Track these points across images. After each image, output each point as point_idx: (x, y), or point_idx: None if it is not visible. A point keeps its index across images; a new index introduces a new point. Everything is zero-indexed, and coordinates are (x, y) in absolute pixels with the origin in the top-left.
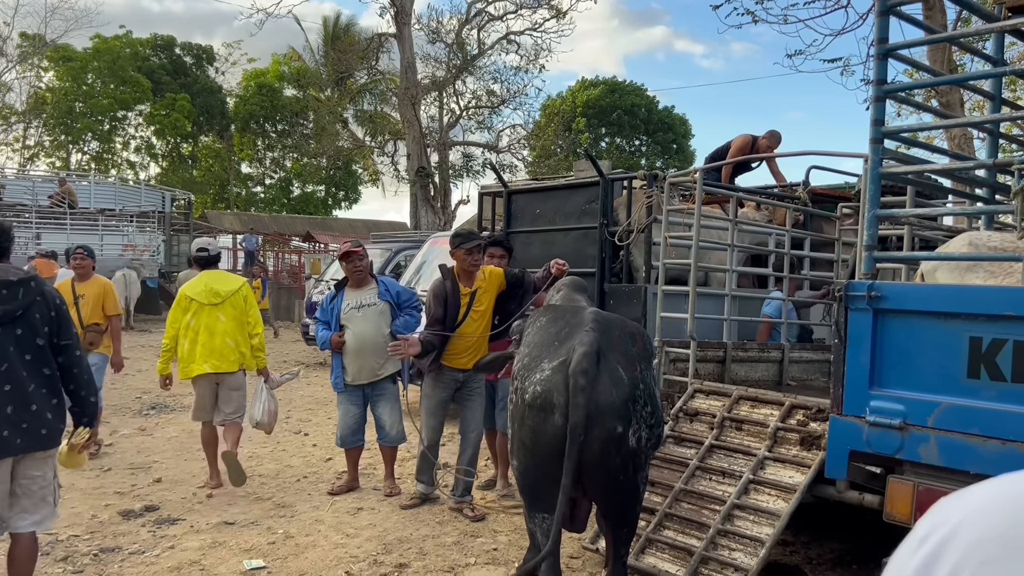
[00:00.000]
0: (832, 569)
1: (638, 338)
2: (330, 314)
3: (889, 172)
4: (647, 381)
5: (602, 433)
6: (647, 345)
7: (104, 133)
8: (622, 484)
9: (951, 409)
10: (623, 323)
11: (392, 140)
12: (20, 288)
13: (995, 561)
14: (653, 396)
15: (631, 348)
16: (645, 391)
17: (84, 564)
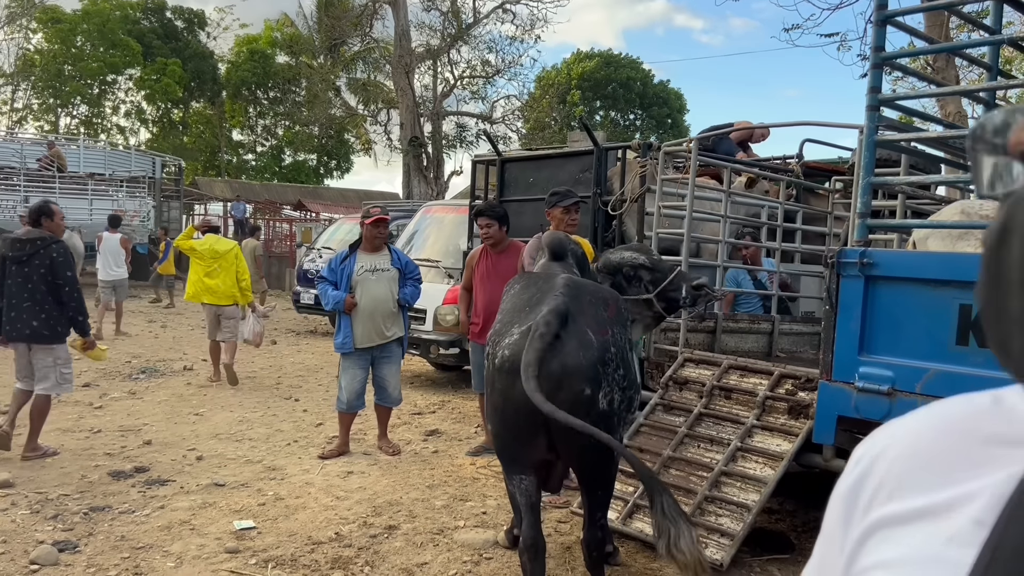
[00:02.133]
0: (817, 536)
1: (611, 303)
2: (340, 274)
3: (885, 140)
4: (619, 345)
5: (570, 395)
6: (620, 310)
7: (93, 97)
8: (594, 446)
9: (939, 375)
10: (595, 288)
11: (385, 109)
12: (28, 244)
13: (912, 472)
14: (626, 360)
15: (602, 312)
16: (617, 355)
17: (74, 523)
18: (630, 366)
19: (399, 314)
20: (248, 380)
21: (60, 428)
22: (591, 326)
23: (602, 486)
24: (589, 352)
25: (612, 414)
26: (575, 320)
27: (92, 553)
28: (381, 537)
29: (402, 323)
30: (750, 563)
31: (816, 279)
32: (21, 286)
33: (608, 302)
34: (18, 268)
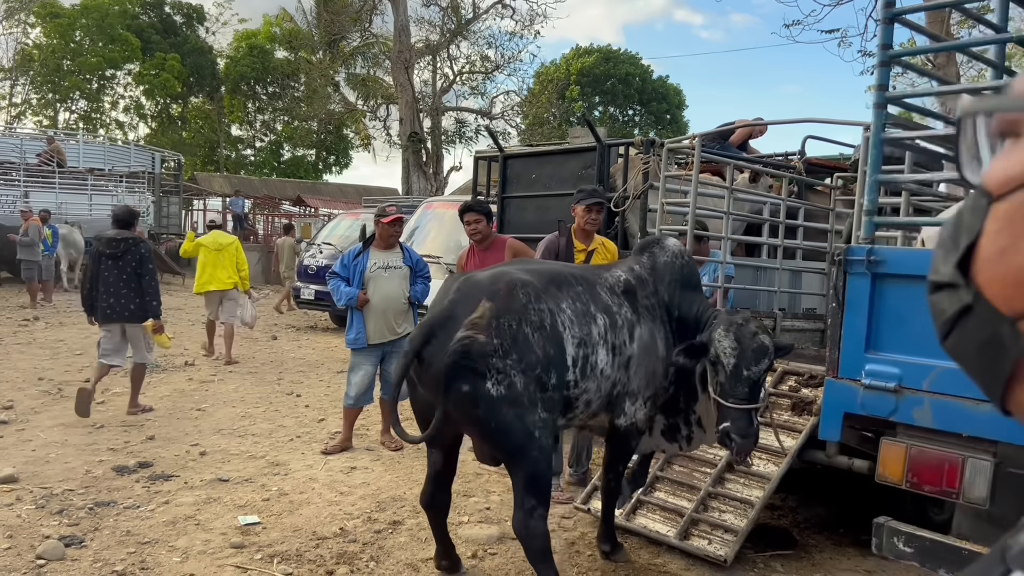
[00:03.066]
0: (819, 532)
1: (503, 293)
2: (352, 270)
3: (892, 138)
4: (512, 334)
5: (455, 395)
6: (517, 297)
7: (92, 92)
8: (494, 432)
9: (946, 372)
10: (492, 283)
11: (384, 104)
12: (120, 243)
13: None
14: (522, 344)
15: (505, 308)
16: (503, 344)
17: (79, 517)
18: (532, 348)
19: (410, 311)
20: (250, 376)
21: (63, 423)
22: (477, 330)
23: (519, 468)
24: (460, 354)
25: (507, 399)
26: (450, 325)
27: (98, 548)
28: (386, 532)
29: (412, 319)
30: (753, 559)
31: (818, 276)
32: (117, 277)
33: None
34: (113, 263)
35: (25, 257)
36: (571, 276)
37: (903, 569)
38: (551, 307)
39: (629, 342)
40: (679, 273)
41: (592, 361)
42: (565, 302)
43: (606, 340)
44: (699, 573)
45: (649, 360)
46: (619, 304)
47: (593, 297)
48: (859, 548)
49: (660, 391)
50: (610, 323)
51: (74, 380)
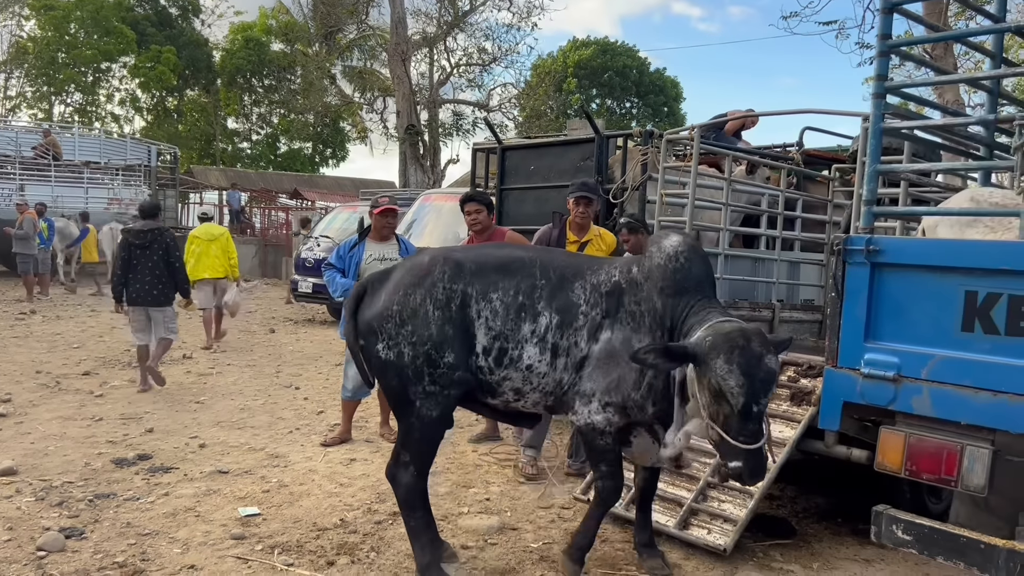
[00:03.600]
0: (818, 522)
1: (423, 268)
2: (348, 262)
3: (890, 127)
4: (413, 306)
5: (362, 348)
6: (432, 274)
7: (87, 85)
8: (386, 388)
9: (945, 361)
10: (424, 257)
11: (381, 97)
12: (148, 234)
13: None
14: (420, 318)
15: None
16: (402, 312)
17: (79, 509)
18: (428, 325)
19: None
20: (248, 369)
21: (61, 416)
22: (388, 290)
23: (399, 420)
24: (372, 311)
25: (395, 366)
26: (377, 286)
27: (98, 539)
28: (386, 523)
29: None
30: (752, 548)
31: (816, 267)
32: (144, 265)
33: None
34: (141, 252)
35: (21, 251)
36: (539, 267)
37: (901, 557)
38: (470, 291)
39: (586, 343)
40: (671, 277)
41: (513, 356)
42: (498, 292)
43: (543, 339)
44: (698, 563)
45: (612, 366)
46: (592, 304)
47: (552, 292)
48: (857, 537)
49: (635, 402)
50: (560, 322)
51: (72, 373)
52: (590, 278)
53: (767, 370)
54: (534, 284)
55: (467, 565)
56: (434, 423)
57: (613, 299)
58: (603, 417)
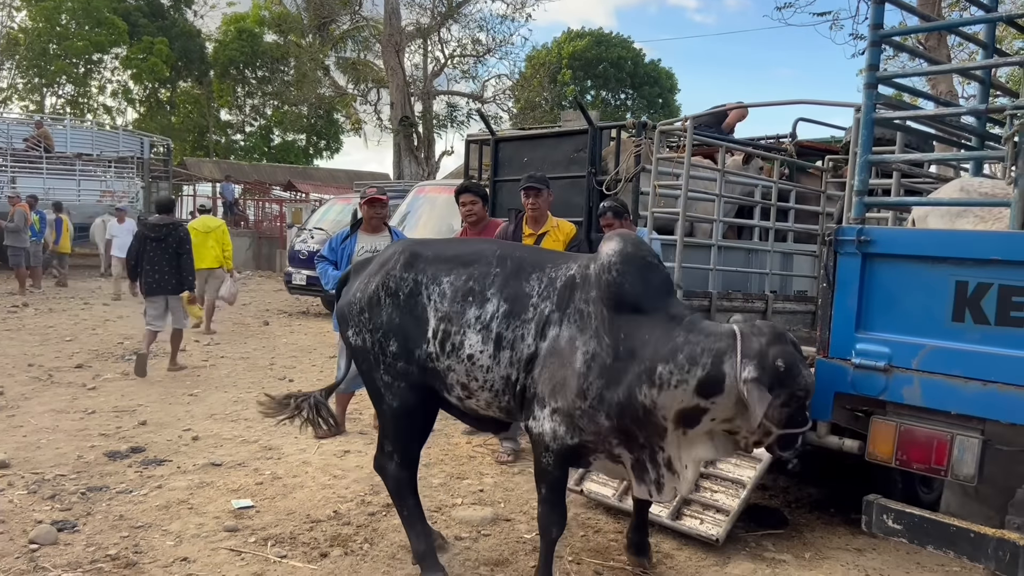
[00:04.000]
0: (810, 512)
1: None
2: (340, 254)
3: (882, 117)
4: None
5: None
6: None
7: (79, 76)
8: (361, 375)
9: (935, 351)
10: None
11: (375, 88)
12: (162, 227)
13: None
14: (375, 306)
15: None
16: (362, 300)
17: (72, 502)
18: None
19: None
20: (242, 361)
21: (54, 409)
22: (359, 279)
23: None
24: (345, 299)
25: (363, 352)
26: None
27: (91, 532)
28: (379, 515)
29: None
30: (745, 538)
31: (809, 258)
32: (160, 256)
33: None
34: (156, 244)
35: (12, 243)
36: (498, 257)
37: (893, 547)
38: (421, 278)
39: (534, 338)
40: (607, 290)
41: (455, 341)
42: (450, 277)
43: (487, 326)
44: (691, 553)
45: (557, 367)
46: (544, 296)
47: (506, 281)
48: (849, 527)
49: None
50: (508, 311)
51: (64, 366)
52: (549, 271)
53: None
54: (488, 272)
55: (460, 556)
56: (399, 413)
57: (565, 294)
58: (550, 427)
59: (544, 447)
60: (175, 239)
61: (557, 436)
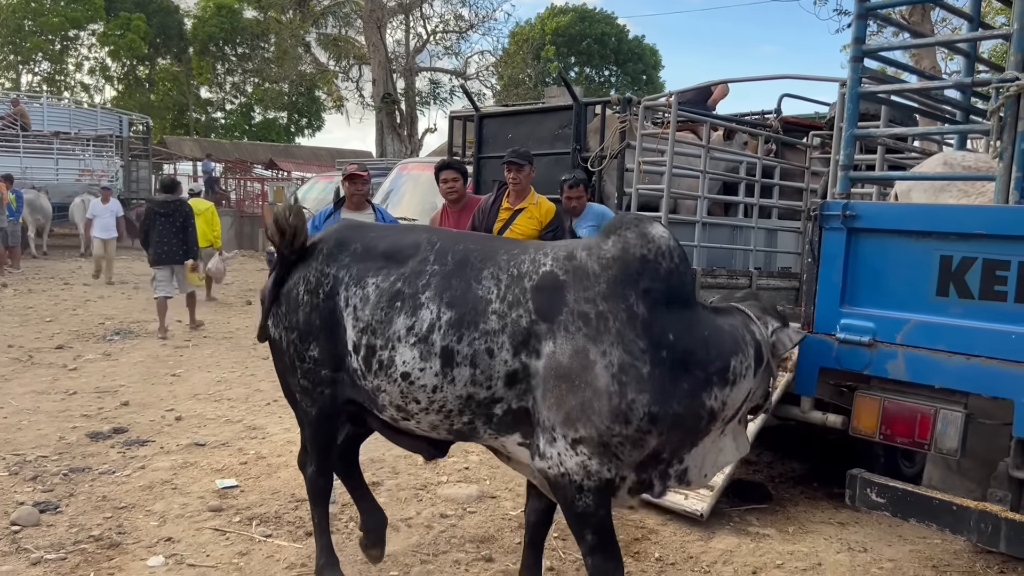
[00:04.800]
0: (794, 487)
1: (312, 246)
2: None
3: (867, 91)
4: (291, 286)
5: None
6: (311, 254)
7: (55, 53)
8: (275, 367)
9: (919, 326)
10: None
11: (357, 65)
12: (168, 204)
13: None
14: (292, 302)
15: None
16: (290, 294)
17: (54, 483)
18: (295, 309)
19: None
20: (225, 341)
21: (35, 390)
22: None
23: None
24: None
25: (278, 348)
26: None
27: (74, 513)
28: None
29: None
30: (729, 513)
31: (793, 234)
32: (167, 229)
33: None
34: (164, 219)
35: None
36: (436, 251)
37: (875, 520)
38: (343, 276)
39: (512, 354)
40: (665, 280)
41: (383, 358)
42: (376, 278)
43: (424, 339)
44: (676, 528)
45: (567, 391)
46: (512, 302)
47: (445, 280)
48: (832, 501)
49: (624, 439)
50: (454, 319)
51: (45, 347)
52: (508, 266)
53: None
54: (421, 270)
55: (446, 533)
56: (316, 421)
57: (547, 297)
58: (576, 463)
59: (576, 488)
60: (181, 214)
61: (591, 472)
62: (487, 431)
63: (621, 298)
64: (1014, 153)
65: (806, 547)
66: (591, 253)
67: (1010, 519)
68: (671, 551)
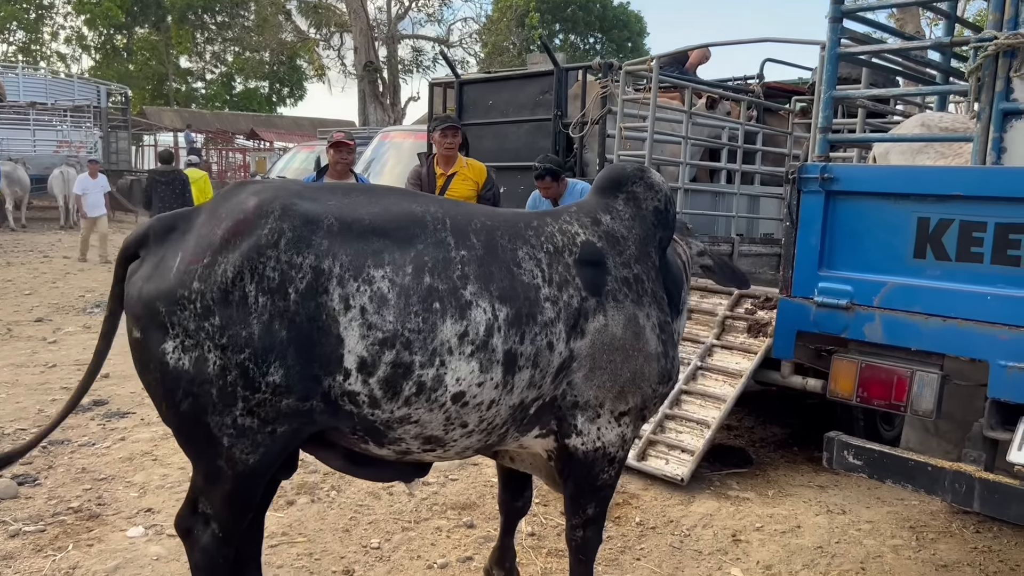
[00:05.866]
0: (775, 451)
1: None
2: None
3: (846, 53)
4: (225, 284)
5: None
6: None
7: (30, 22)
8: (172, 413)
9: (896, 289)
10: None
11: (338, 33)
12: (167, 174)
13: None
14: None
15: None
16: (205, 293)
17: (33, 456)
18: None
19: None
20: None
21: (13, 363)
22: (185, 247)
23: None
24: (150, 282)
25: (191, 379)
26: (167, 240)
27: (53, 485)
28: None
29: None
30: (710, 478)
31: (776, 201)
32: (168, 195)
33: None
34: (164, 186)
35: None
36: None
37: (854, 483)
38: (325, 266)
39: (566, 342)
40: (671, 227)
41: (426, 379)
42: (383, 269)
43: (484, 345)
44: (657, 492)
45: (621, 362)
46: (561, 282)
47: (483, 266)
48: (812, 464)
49: (656, 399)
50: (512, 315)
51: (24, 320)
52: (538, 241)
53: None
54: (447, 256)
55: (428, 500)
56: (250, 473)
57: (591, 269)
58: (616, 434)
59: (608, 460)
60: (179, 182)
61: (626, 441)
62: (513, 436)
63: (647, 256)
64: (992, 114)
65: (785, 510)
66: (613, 215)
67: (983, 479)
68: (652, 516)
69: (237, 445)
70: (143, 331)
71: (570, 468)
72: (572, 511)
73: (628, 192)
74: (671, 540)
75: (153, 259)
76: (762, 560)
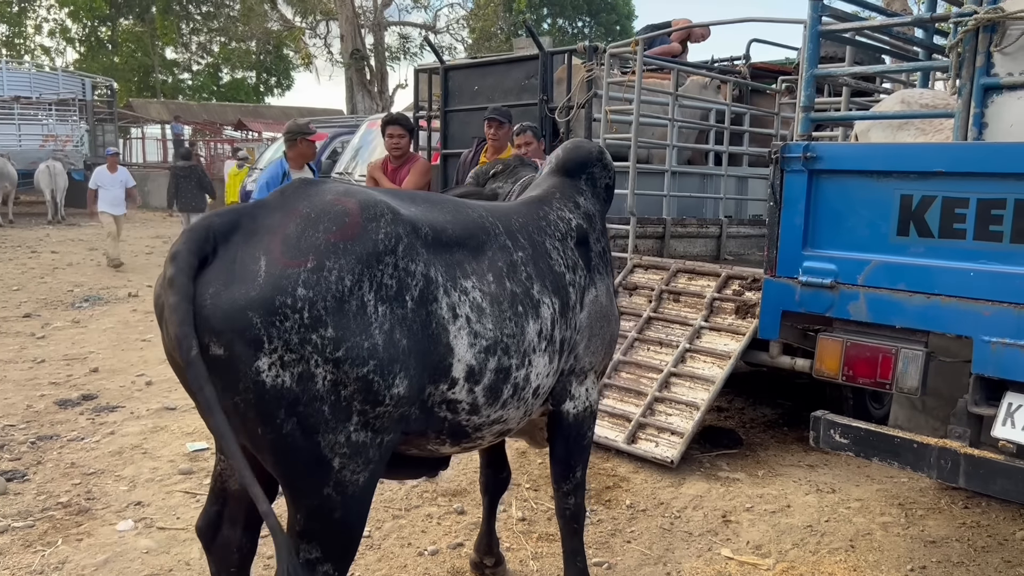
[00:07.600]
0: (764, 431)
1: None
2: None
3: (828, 30)
4: (339, 292)
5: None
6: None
7: (13, 15)
8: (271, 442)
9: (880, 267)
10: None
11: (324, 20)
12: (188, 168)
13: None
14: (352, 317)
15: (322, 236)
16: (315, 302)
17: (22, 452)
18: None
19: None
20: None
21: (1, 359)
22: (272, 251)
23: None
24: (233, 291)
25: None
26: (245, 243)
27: (42, 481)
28: None
29: None
30: (700, 459)
31: (763, 182)
32: (188, 186)
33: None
34: (184, 180)
35: None
36: (503, 229)
37: (843, 461)
38: (432, 274)
39: (579, 316)
40: (608, 201)
41: (518, 380)
42: (472, 280)
43: (551, 339)
44: (647, 475)
45: (602, 326)
46: (572, 265)
47: (538, 266)
48: (802, 444)
49: (610, 358)
50: (561, 306)
51: (12, 316)
52: (551, 231)
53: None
54: (512, 259)
55: (419, 488)
56: (363, 494)
57: (584, 249)
58: (596, 393)
59: (592, 417)
60: (196, 175)
61: (599, 398)
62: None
63: (605, 229)
64: (972, 89)
65: (775, 490)
66: (584, 196)
67: (968, 454)
68: (642, 498)
69: (349, 465)
70: (227, 347)
71: (561, 430)
72: (562, 476)
73: (589, 173)
74: (661, 522)
75: (225, 263)
76: (752, 540)
